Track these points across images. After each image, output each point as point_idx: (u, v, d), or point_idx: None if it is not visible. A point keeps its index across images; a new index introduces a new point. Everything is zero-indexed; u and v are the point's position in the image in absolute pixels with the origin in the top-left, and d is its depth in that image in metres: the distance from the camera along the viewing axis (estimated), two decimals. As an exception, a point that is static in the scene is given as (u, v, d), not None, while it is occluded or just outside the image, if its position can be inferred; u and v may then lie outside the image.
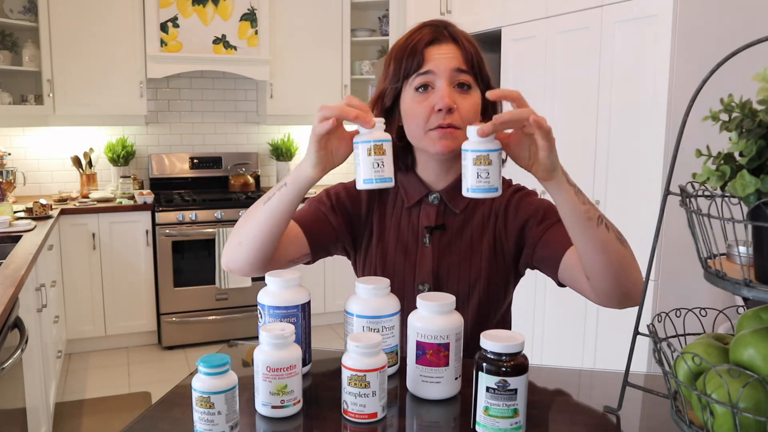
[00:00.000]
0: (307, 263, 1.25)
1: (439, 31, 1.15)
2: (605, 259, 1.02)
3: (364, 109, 0.97)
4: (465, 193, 0.94)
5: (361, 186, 0.97)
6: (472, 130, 0.92)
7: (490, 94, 0.96)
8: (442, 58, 1.12)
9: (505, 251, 1.21)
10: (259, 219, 1.09)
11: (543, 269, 1.18)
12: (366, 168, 0.95)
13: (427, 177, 1.23)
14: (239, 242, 1.12)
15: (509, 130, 0.97)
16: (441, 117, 1.11)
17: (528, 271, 1.24)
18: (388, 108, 1.21)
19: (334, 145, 1.03)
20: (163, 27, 4.00)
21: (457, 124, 1.11)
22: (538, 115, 0.91)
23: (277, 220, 1.08)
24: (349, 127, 1.03)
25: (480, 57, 1.16)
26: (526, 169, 0.98)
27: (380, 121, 0.96)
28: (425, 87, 1.13)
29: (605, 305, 1.09)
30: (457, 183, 1.21)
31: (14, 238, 2.84)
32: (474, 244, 1.20)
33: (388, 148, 0.96)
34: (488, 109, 1.19)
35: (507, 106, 1.24)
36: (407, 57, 1.15)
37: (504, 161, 1.12)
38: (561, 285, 1.17)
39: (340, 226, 1.23)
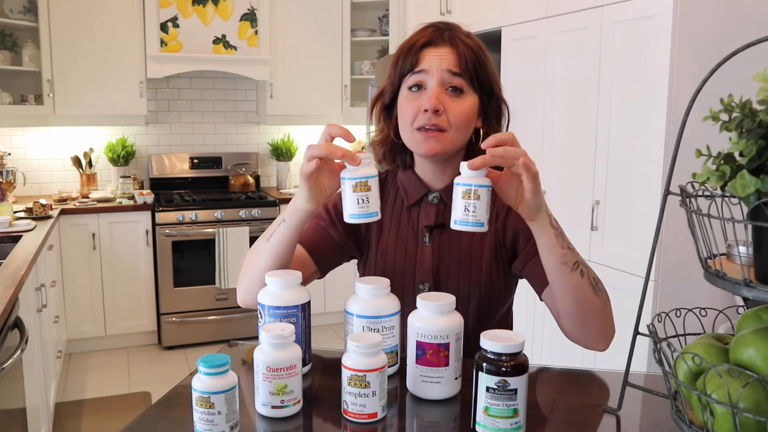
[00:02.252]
0: (318, 278, 1.26)
1: (438, 34, 1.15)
2: (573, 303, 1.06)
3: (347, 138, 1.00)
4: (452, 225, 0.95)
5: (347, 220, 0.98)
6: (464, 165, 0.94)
7: (484, 144, 0.95)
8: (435, 59, 1.13)
9: (504, 251, 1.21)
10: (265, 256, 1.10)
11: (530, 285, 1.20)
12: (352, 204, 0.97)
13: (426, 176, 1.23)
14: (250, 280, 1.13)
15: (502, 170, 0.99)
16: (427, 117, 1.11)
17: None
18: (387, 105, 1.22)
19: (325, 177, 1.04)
20: (163, 27, 4.00)
21: (443, 126, 1.12)
22: (528, 158, 0.93)
23: (282, 254, 1.10)
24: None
25: (480, 61, 1.15)
26: (512, 207, 1.00)
27: (367, 157, 0.98)
28: (418, 87, 1.14)
29: (572, 341, 1.13)
30: None
31: (14, 238, 2.84)
32: (474, 244, 1.20)
33: (374, 183, 0.97)
34: (489, 115, 1.19)
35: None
36: (404, 56, 1.16)
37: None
38: (542, 300, 1.19)
39: (342, 238, 1.24)
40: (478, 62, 1.14)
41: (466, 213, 0.93)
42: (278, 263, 1.10)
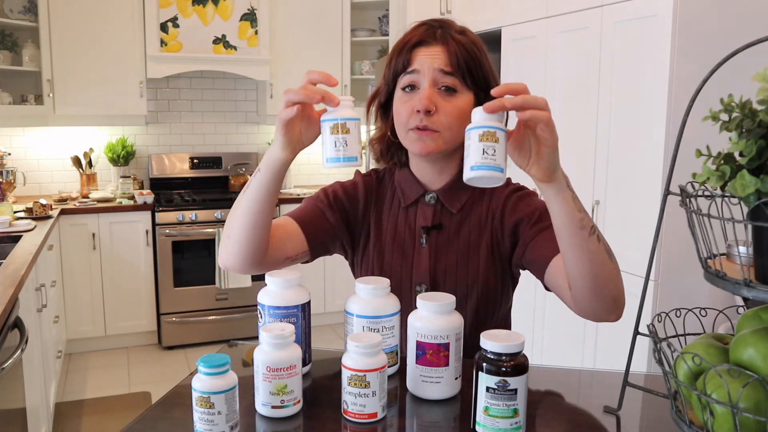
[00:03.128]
0: (306, 262, 1.23)
1: (430, 32, 1.14)
2: (590, 270, 0.99)
3: (328, 82, 0.95)
4: (467, 173, 0.86)
5: (325, 165, 0.93)
6: (477, 110, 0.87)
7: (494, 91, 0.88)
8: (426, 59, 1.12)
9: (502, 251, 1.20)
10: (242, 209, 1.06)
11: (532, 271, 1.17)
12: (329, 146, 0.92)
13: (422, 176, 1.23)
14: (228, 236, 1.10)
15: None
16: (419, 118, 1.11)
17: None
18: (383, 104, 1.22)
19: (303, 126, 0.99)
20: (163, 27, 4.00)
21: (435, 126, 1.11)
22: (548, 109, 0.87)
23: (260, 206, 1.05)
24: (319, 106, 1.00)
25: (474, 58, 1.13)
26: (524, 170, 0.92)
27: (347, 99, 0.93)
28: (411, 87, 1.14)
29: (583, 316, 1.06)
30: (454, 182, 1.21)
31: (14, 238, 2.84)
32: (471, 244, 1.20)
33: (353, 126, 0.92)
34: None
35: (511, 114, 1.23)
36: (396, 56, 1.16)
37: None
38: (548, 289, 1.15)
39: (337, 223, 1.23)
40: (471, 59, 1.13)
41: (485, 156, 0.83)
42: (256, 217, 1.06)
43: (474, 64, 1.13)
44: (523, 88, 0.89)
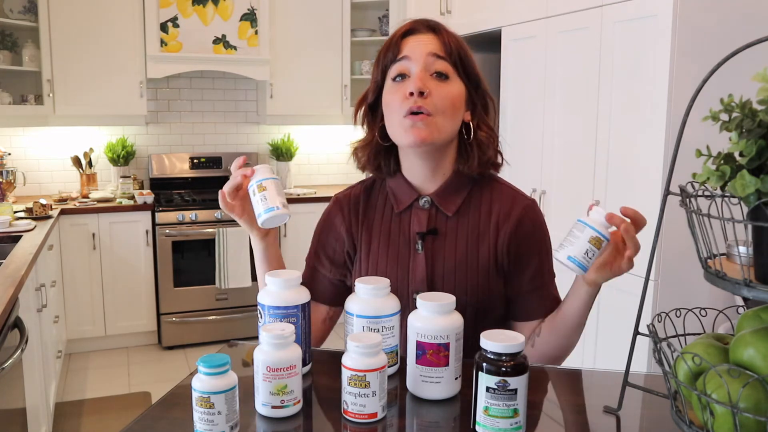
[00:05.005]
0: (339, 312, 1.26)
1: (418, 23, 1.15)
2: (563, 343, 1.18)
3: (244, 162, 1.11)
4: (562, 256, 1.00)
5: (259, 223, 1.06)
6: (601, 212, 1.00)
7: (624, 211, 1.00)
8: (417, 44, 1.12)
9: (503, 263, 1.18)
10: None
11: (510, 308, 1.23)
12: (256, 206, 1.06)
13: (415, 180, 1.20)
14: None
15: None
16: (412, 101, 1.08)
17: None
18: (371, 105, 1.20)
19: (247, 207, 1.12)
20: (163, 27, 4.00)
21: (428, 109, 1.08)
22: (635, 252, 1.00)
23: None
24: None
25: (462, 50, 1.14)
26: (588, 272, 1.03)
27: (261, 167, 1.08)
28: (402, 76, 1.12)
29: (540, 357, 1.20)
30: (447, 184, 1.19)
31: (14, 238, 2.84)
32: (470, 250, 1.17)
33: (270, 184, 1.06)
34: (477, 106, 1.17)
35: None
36: (385, 51, 1.15)
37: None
38: (504, 319, 1.23)
39: (333, 271, 1.26)
40: (462, 50, 1.13)
41: (585, 257, 0.99)
42: None
43: (465, 55, 1.14)
44: (643, 224, 1.02)
